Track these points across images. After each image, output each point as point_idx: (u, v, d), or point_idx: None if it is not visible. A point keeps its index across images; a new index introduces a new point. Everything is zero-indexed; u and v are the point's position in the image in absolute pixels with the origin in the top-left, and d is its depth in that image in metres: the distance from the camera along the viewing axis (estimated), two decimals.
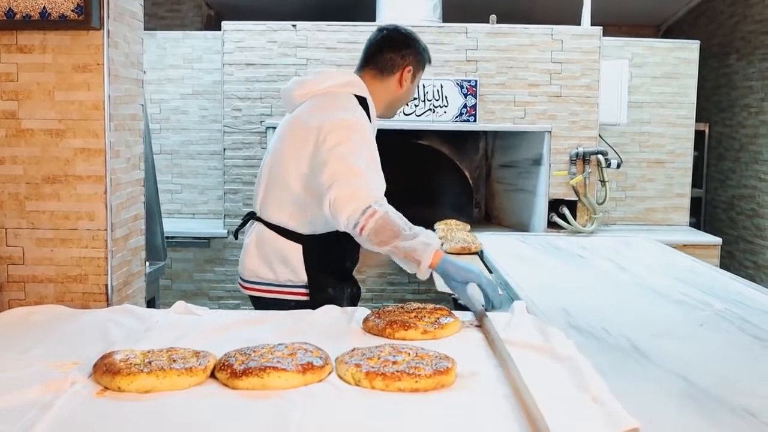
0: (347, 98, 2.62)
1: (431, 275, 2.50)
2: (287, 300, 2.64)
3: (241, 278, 2.77)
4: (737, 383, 1.80)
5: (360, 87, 2.67)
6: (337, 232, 2.46)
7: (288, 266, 2.63)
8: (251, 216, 2.77)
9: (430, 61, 2.82)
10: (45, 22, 2.41)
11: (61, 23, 2.41)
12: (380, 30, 2.84)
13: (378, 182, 2.46)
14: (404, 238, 2.34)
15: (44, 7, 2.40)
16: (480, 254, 3.80)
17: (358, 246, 2.59)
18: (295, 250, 2.62)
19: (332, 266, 2.68)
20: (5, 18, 2.41)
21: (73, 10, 2.40)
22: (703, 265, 3.42)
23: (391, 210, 2.38)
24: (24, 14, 2.41)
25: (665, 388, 1.75)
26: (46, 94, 2.45)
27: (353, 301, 2.75)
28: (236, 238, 2.91)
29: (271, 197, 2.67)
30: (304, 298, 2.63)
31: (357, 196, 2.34)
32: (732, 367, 1.96)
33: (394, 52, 2.74)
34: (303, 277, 2.62)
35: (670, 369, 1.88)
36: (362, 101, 2.64)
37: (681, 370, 1.86)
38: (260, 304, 2.69)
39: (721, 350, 2.12)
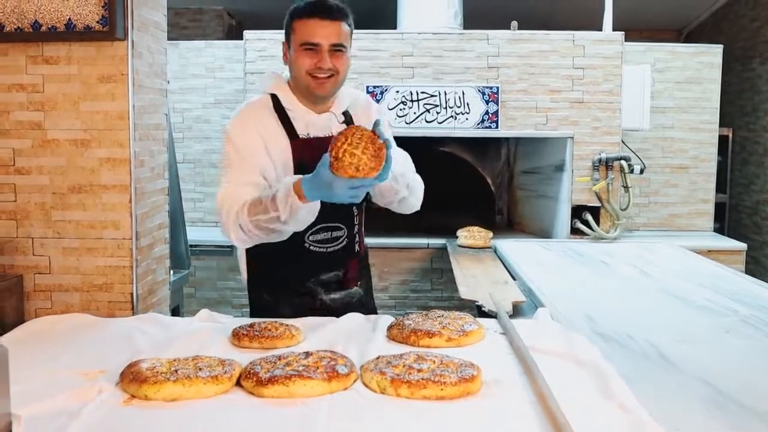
0: (245, 104, 2.55)
1: None
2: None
3: None
4: (763, 389, 1.79)
5: (277, 84, 2.55)
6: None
7: (241, 269, 2.57)
8: None
9: (306, 13, 2.41)
10: (70, 33, 2.44)
11: (86, 34, 2.44)
12: None
13: (228, 196, 2.29)
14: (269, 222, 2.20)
15: (69, 19, 2.43)
16: (499, 256, 3.79)
17: (301, 254, 2.45)
18: (242, 254, 2.54)
19: (270, 273, 2.53)
20: (31, 30, 2.44)
21: (97, 22, 2.43)
22: (728, 270, 3.40)
23: (246, 209, 2.22)
24: (50, 26, 2.44)
25: (691, 394, 1.74)
26: (71, 104, 2.47)
27: (315, 312, 2.46)
28: None
29: None
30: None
31: (226, 220, 2.25)
32: (758, 373, 1.95)
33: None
34: (245, 281, 2.58)
35: (695, 375, 1.87)
36: (274, 98, 2.50)
37: (706, 377, 1.84)
38: None
39: (746, 356, 2.10)
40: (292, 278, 2.50)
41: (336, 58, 2.39)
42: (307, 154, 2.35)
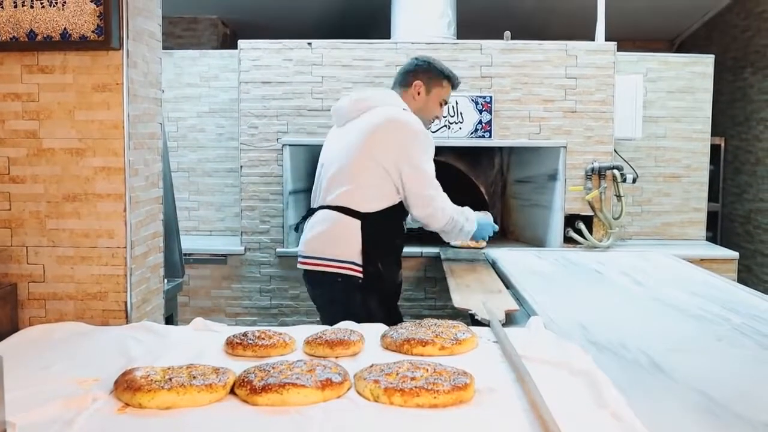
0: (408, 113, 3.32)
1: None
2: (338, 274, 3.15)
3: (301, 255, 3.29)
4: (756, 398, 1.80)
5: (400, 102, 3.37)
6: (390, 211, 3.20)
7: (346, 242, 3.13)
8: (312, 211, 3.33)
9: (451, 80, 3.50)
10: (65, 43, 2.44)
11: (82, 44, 2.44)
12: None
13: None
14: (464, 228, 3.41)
15: (65, 29, 2.44)
16: (493, 264, 3.80)
17: (403, 226, 3.34)
18: (355, 225, 3.13)
19: (383, 242, 3.19)
20: (27, 39, 2.44)
21: (93, 31, 2.44)
22: (721, 279, 3.41)
23: (460, 211, 3.37)
24: (45, 35, 2.44)
25: (684, 403, 1.75)
26: (66, 113, 2.48)
27: (396, 288, 3.46)
28: (296, 230, 3.56)
29: (337, 187, 3.19)
30: (354, 273, 3.12)
31: (447, 214, 3.28)
32: (751, 382, 1.96)
33: (410, 72, 3.50)
34: (356, 252, 3.12)
35: (688, 384, 1.87)
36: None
37: (699, 386, 1.85)
38: (313, 278, 3.28)
39: (739, 365, 2.11)
40: (396, 250, 3.39)
41: None
42: None
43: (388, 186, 3.17)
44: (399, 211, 3.25)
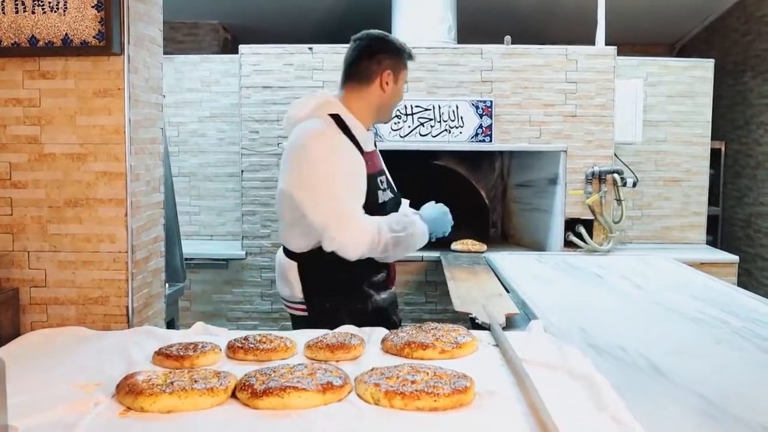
0: (315, 122, 2.67)
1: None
2: (293, 315, 2.84)
3: None
4: (755, 401, 1.80)
5: (333, 105, 2.72)
6: (321, 250, 2.64)
7: (289, 282, 2.77)
8: None
9: (411, 57, 2.87)
10: (67, 48, 2.46)
11: (83, 49, 2.46)
12: (353, 40, 2.85)
13: (359, 206, 2.63)
14: (406, 238, 2.69)
15: (66, 34, 2.45)
16: (493, 268, 3.81)
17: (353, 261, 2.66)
18: (293, 267, 2.75)
19: (325, 282, 2.73)
20: (28, 45, 2.45)
21: (94, 37, 2.45)
22: (721, 283, 3.41)
23: (386, 228, 2.63)
24: (46, 41, 2.45)
25: (683, 406, 1.75)
26: (68, 118, 2.49)
27: (366, 315, 2.72)
28: None
29: (283, 223, 2.80)
30: (302, 313, 2.77)
31: (358, 237, 2.59)
32: (750, 385, 1.96)
33: (368, 60, 2.77)
34: (299, 292, 2.74)
35: (687, 387, 1.88)
36: (337, 118, 2.69)
37: (698, 388, 1.86)
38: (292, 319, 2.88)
39: (738, 368, 2.12)
40: (349, 283, 2.73)
41: None
42: (370, 166, 2.72)
43: (308, 222, 2.63)
44: None
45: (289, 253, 2.78)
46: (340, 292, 2.72)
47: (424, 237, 2.78)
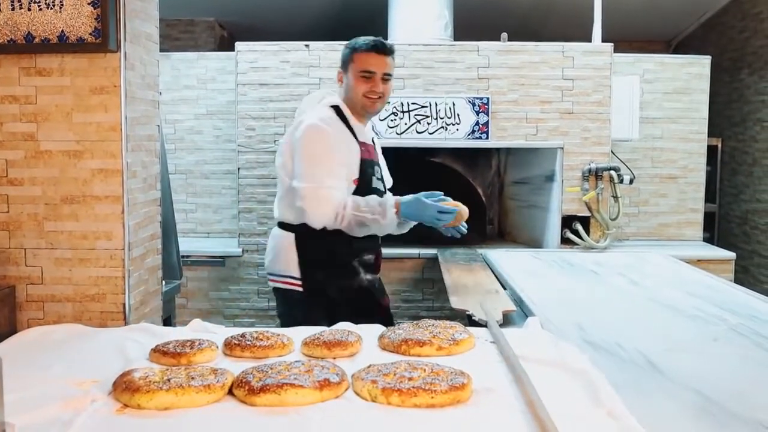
0: (319, 109, 3.02)
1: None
2: (278, 288, 3.03)
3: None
4: (752, 398, 1.80)
5: (334, 98, 3.09)
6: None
7: (285, 256, 2.99)
8: None
9: (356, 48, 3.02)
10: (63, 45, 2.45)
11: (79, 46, 2.45)
12: None
13: (336, 184, 2.88)
14: (371, 221, 2.87)
15: (62, 31, 2.44)
16: (490, 265, 3.81)
17: (349, 235, 2.94)
18: (287, 237, 2.99)
19: (320, 253, 2.96)
20: (24, 42, 2.45)
21: (90, 34, 2.44)
22: (717, 280, 3.42)
23: (352, 205, 2.85)
24: (42, 38, 2.45)
25: (680, 402, 1.75)
26: (64, 115, 2.48)
27: (353, 291, 3.05)
28: None
29: (277, 201, 3.08)
30: (293, 287, 2.98)
31: (324, 207, 2.85)
32: (747, 381, 1.96)
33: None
34: (294, 265, 2.97)
35: (684, 384, 1.88)
36: (337, 109, 3.03)
37: (695, 385, 1.86)
38: (276, 294, 3.11)
39: (735, 365, 2.12)
40: (341, 258, 3.00)
41: (385, 85, 3.02)
42: (365, 154, 3.02)
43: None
44: None
45: (285, 226, 3.02)
46: (332, 264, 2.98)
47: (392, 224, 2.91)
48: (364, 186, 2.99)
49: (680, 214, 5.94)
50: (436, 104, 5.25)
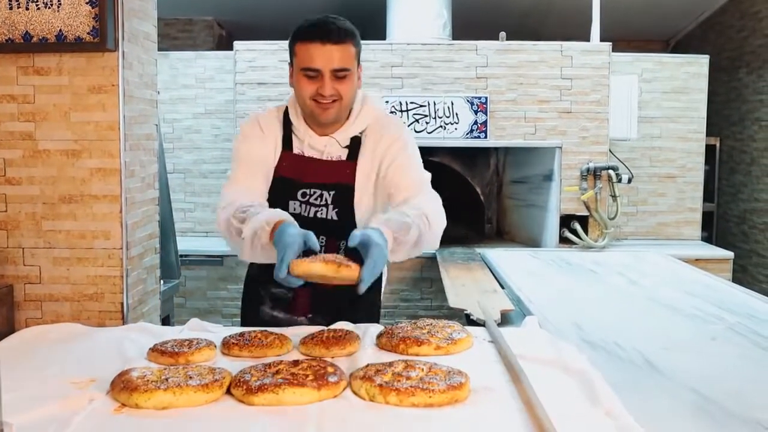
0: (255, 113, 2.49)
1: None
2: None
3: None
4: (750, 397, 1.80)
5: (291, 96, 2.42)
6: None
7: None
8: None
9: (296, 37, 2.36)
10: (61, 44, 2.45)
11: (77, 45, 2.45)
12: None
13: (228, 194, 2.33)
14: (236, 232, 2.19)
15: (60, 30, 2.44)
16: (488, 265, 3.81)
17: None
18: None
19: (253, 267, 2.53)
20: (22, 41, 2.45)
21: (88, 33, 2.44)
22: (716, 279, 3.42)
23: (237, 206, 2.21)
24: (40, 37, 2.45)
25: (678, 401, 1.75)
26: (62, 115, 2.48)
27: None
28: None
29: None
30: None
31: (218, 217, 2.29)
32: (745, 380, 1.97)
33: None
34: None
35: (682, 383, 1.88)
36: (285, 111, 2.45)
37: (693, 384, 1.86)
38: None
39: (733, 364, 2.12)
40: (252, 279, 2.52)
41: (339, 83, 2.26)
42: (288, 169, 2.38)
43: None
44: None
45: None
46: (248, 283, 2.55)
47: (257, 247, 2.11)
48: (277, 204, 2.31)
49: (678, 214, 5.95)
50: (434, 103, 5.25)
